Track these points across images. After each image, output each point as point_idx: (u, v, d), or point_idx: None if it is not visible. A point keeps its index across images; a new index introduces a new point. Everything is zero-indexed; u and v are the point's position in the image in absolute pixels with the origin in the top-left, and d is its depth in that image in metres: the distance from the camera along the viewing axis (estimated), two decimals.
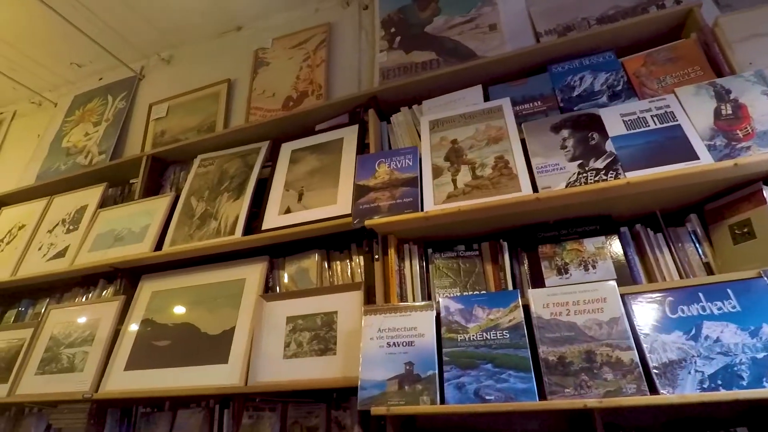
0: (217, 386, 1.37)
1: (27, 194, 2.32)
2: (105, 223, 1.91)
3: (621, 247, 1.24)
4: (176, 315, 1.60)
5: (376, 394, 1.11)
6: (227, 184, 1.77)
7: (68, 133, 2.68)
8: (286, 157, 1.72)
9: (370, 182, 1.40)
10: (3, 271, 2.00)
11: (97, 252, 1.82)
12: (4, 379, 1.75)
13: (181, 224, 1.73)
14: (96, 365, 1.58)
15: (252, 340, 1.41)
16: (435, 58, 1.91)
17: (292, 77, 2.23)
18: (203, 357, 1.46)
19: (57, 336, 1.74)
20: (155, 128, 2.46)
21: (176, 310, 1.61)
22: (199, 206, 1.75)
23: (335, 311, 1.38)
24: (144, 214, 1.83)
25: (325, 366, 1.31)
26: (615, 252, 1.23)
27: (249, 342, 1.42)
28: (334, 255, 1.56)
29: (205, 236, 1.65)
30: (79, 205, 2.06)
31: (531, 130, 1.33)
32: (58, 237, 1.99)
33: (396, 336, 1.18)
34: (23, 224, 2.15)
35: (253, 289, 1.54)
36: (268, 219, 1.56)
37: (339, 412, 1.36)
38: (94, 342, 1.65)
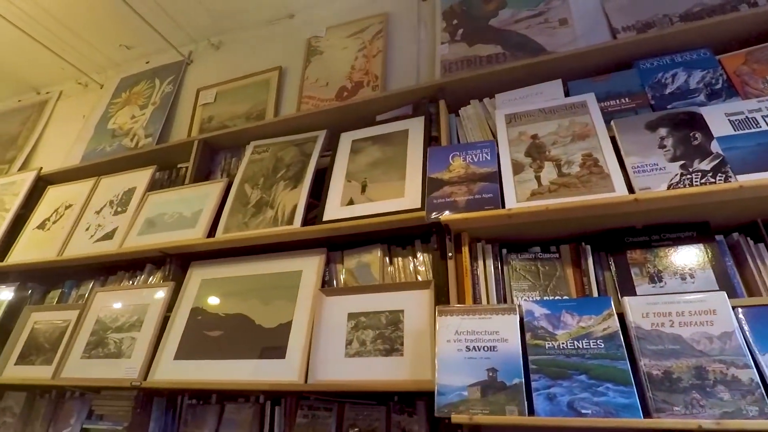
0: (275, 382, 1.31)
1: (73, 174, 2.30)
2: (154, 206, 1.87)
3: (719, 257, 1.14)
4: (228, 305, 1.55)
5: (456, 401, 1.04)
6: (283, 173, 1.71)
7: (114, 115, 2.67)
8: (347, 147, 1.66)
9: (444, 176, 1.33)
10: (49, 250, 1.98)
11: (146, 236, 1.78)
12: (47, 361, 1.71)
13: (234, 211, 1.68)
14: (144, 352, 1.53)
15: (311, 336, 1.35)
16: (501, 51, 1.83)
17: (347, 67, 2.17)
18: (258, 350, 1.40)
19: (103, 320, 1.70)
20: (202, 113, 2.42)
21: (228, 300, 1.56)
22: (254, 194, 1.70)
23: (401, 310, 1.31)
24: (196, 199, 1.79)
25: (391, 367, 1.24)
26: (713, 261, 1.14)
27: (308, 338, 1.35)
28: (396, 251, 1.49)
29: (261, 225, 1.59)
30: (127, 187, 2.03)
31: (623, 128, 1.24)
32: (105, 218, 1.96)
33: (476, 340, 1.10)
34: (70, 204, 2.13)
35: (310, 282, 1.48)
36: (329, 210, 1.50)
37: (403, 416, 1.29)
38: (143, 328, 1.60)
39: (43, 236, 2.07)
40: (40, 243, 2.05)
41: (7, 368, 1.77)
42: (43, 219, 2.14)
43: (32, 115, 3.09)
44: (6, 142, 3.04)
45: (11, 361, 1.78)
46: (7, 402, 1.83)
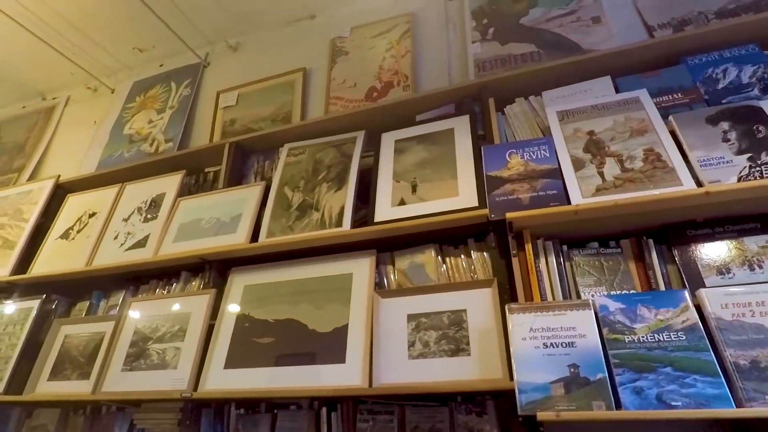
0: (337, 387, 1.29)
1: (93, 181, 2.23)
2: (188, 212, 1.83)
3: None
4: (277, 310, 1.52)
5: (539, 398, 1.03)
6: (324, 174, 1.69)
7: (130, 120, 2.61)
8: (390, 147, 1.64)
9: (503, 173, 1.32)
10: (75, 260, 1.92)
11: (182, 242, 1.74)
12: (84, 375, 1.66)
13: (276, 215, 1.65)
14: (192, 362, 1.49)
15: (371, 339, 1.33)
16: (535, 50, 1.84)
17: (375, 67, 2.16)
18: (314, 356, 1.37)
19: (142, 330, 1.65)
20: (224, 116, 2.38)
21: (276, 306, 1.53)
22: (296, 196, 1.67)
23: (463, 309, 1.30)
24: (233, 203, 1.75)
25: (458, 367, 1.22)
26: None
27: (367, 341, 1.33)
28: (448, 250, 1.48)
29: (307, 228, 1.56)
30: (155, 193, 1.98)
31: (682, 123, 1.25)
32: (135, 226, 1.90)
33: (553, 336, 1.09)
34: (94, 212, 2.06)
35: (362, 284, 1.46)
36: (380, 211, 1.48)
37: (470, 417, 1.27)
38: (186, 337, 1.56)
39: (67, 246, 2.01)
40: (64, 253, 1.99)
41: (39, 384, 1.71)
42: (66, 228, 2.07)
43: (39, 122, 3.00)
44: (12, 150, 2.95)
45: (44, 377, 1.72)
46: (39, 420, 1.76)
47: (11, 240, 2.12)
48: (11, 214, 2.24)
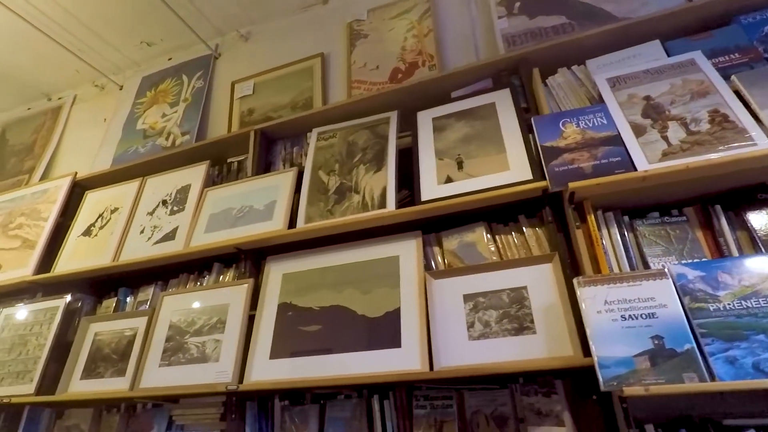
0: (396, 372, 1.23)
1: (109, 177, 2.16)
2: (217, 202, 1.76)
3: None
4: (321, 297, 1.45)
5: (623, 373, 0.97)
6: (360, 156, 1.62)
7: (142, 116, 2.53)
8: (428, 125, 1.58)
9: (558, 143, 1.26)
10: (100, 256, 1.85)
11: (214, 233, 1.67)
12: (119, 372, 1.59)
13: (313, 200, 1.59)
14: (234, 354, 1.43)
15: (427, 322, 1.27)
16: (567, 21, 1.78)
17: (397, 49, 2.09)
18: (366, 342, 1.32)
19: (178, 324, 1.59)
20: (241, 107, 2.31)
21: (320, 293, 1.47)
22: (332, 180, 1.61)
23: (524, 286, 1.24)
24: (265, 191, 1.69)
25: (524, 346, 1.17)
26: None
27: (423, 324, 1.27)
28: (497, 228, 1.42)
29: (348, 211, 1.50)
30: (179, 185, 1.91)
31: (747, 82, 1.20)
32: (161, 219, 1.84)
33: (631, 308, 1.04)
34: (116, 207, 1.99)
35: (410, 266, 1.40)
36: (426, 190, 1.42)
37: (536, 398, 1.22)
38: (226, 329, 1.50)
39: (90, 243, 1.94)
40: (88, 250, 1.92)
41: (72, 383, 1.64)
42: (88, 225, 2.00)
43: (46, 123, 2.92)
44: (20, 152, 2.87)
45: (75, 376, 1.65)
46: (71, 420, 1.70)
47: (31, 239, 2.05)
48: (28, 214, 2.16)
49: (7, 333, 1.87)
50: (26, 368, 1.73)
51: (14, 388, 1.70)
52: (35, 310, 1.87)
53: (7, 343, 1.85)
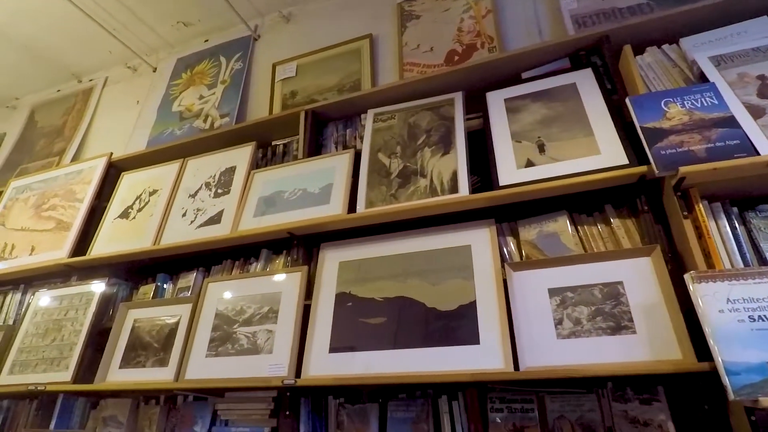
0: (476, 371, 1.12)
1: (147, 158, 2.07)
2: (266, 185, 1.66)
3: None
4: (384, 288, 1.35)
5: (757, 381, 0.85)
6: (424, 138, 1.51)
7: (178, 97, 2.45)
8: (500, 106, 1.46)
9: (662, 124, 1.14)
10: (139, 240, 1.76)
11: (264, 217, 1.57)
12: (161, 362, 1.50)
13: (374, 183, 1.48)
14: (290, 347, 1.33)
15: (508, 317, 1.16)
16: (643, 2, 1.66)
17: (452, 30, 1.98)
18: (440, 337, 1.20)
19: (225, 313, 1.49)
20: (283, 89, 2.21)
21: (382, 283, 1.36)
22: (394, 163, 1.50)
23: (619, 281, 1.12)
24: (319, 173, 1.58)
25: (623, 347, 1.05)
26: None
27: (503, 319, 1.16)
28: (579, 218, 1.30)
29: (414, 196, 1.39)
30: (224, 167, 1.81)
31: None
32: (205, 201, 1.74)
33: (760, 308, 0.92)
34: (155, 189, 1.90)
35: (484, 256, 1.28)
36: (504, 174, 1.30)
37: (631, 404, 1.10)
38: (279, 319, 1.40)
39: (128, 226, 1.85)
40: (126, 233, 1.82)
41: (111, 373, 1.55)
42: (125, 207, 1.91)
43: (76, 105, 2.85)
44: (50, 134, 2.80)
45: (114, 365, 1.56)
46: (107, 411, 1.60)
47: (66, 221, 1.96)
48: (63, 195, 2.08)
49: (40, 317, 1.79)
50: (61, 355, 1.64)
51: (49, 375, 1.62)
52: (70, 295, 1.78)
53: (41, 327, 1.76)
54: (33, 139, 2.85)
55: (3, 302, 2.02)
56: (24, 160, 2.74)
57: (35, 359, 1.69)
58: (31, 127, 2.94)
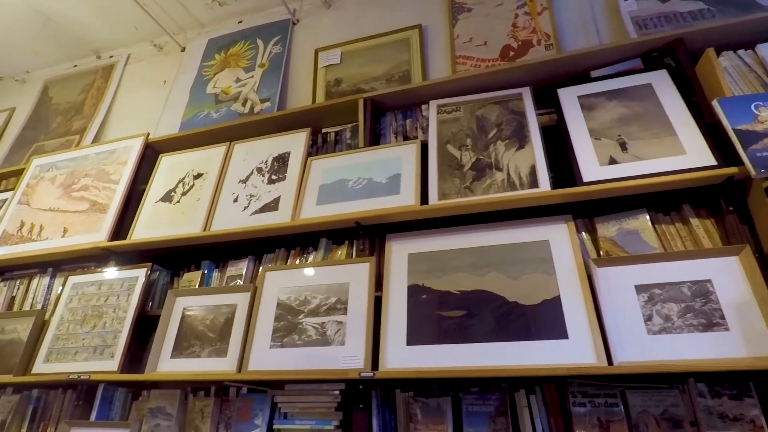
0: (568, 366, 1.11)
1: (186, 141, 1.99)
2: (327, 172, 1.62)
3: None
4: (460, 281, 1.33)
5: None
6: (496, 132, 1.50)
7: (212, 79, 2.37)
8: (573, 103, 1.46)
9: (755, 127, 1.16)
10: (186, 224, 1.69)
11: (327, 206, 1.53)
12: (218, 353, 1.45)
13: (446, 175, 1.46)
14: (364, 338, 1.30)
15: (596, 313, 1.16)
16: (704, 7, 1.69)
17: (507, 25, 1.97)
18: (526, 331, 1.20)
19: (287, 302, 1.45)
20: (327, 76, 2.16)
21: (457, 275, 1.34)
22: (465, 155, 1.48)
23: (707, 279, 1.14)
24: (385, 163, 1.55)
25: (716, 344, 1.06)
26: None
27: (591, 314, 1.16)
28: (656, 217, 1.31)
29: (491, 189, 1.38)
30: (276, 153, 1.76)
31: None
32: (258, 188, 1.69)
33: None
34: (200, 173, 1.83)
35: (564, 251, 1.28)
36: (586, 170, 1.30)
37: (720, 400, 1.11)
38: (349, 310, 1.36)
39: (171, 210, 1.77)
40: (168, 217, 1.75)
41: (161, 362, 1.49)
42: (167, 190, 1.84)
43: (96, 81, 2.73)
44: (67, 111, 2.68)
45: (165, 354, 1.50)
46: (153, 402, 1.54)
47: (101, 203, 1.88)
48: (94, 175, 1.99)
49: (77, 303, 1.71)
50: (105, 343, 1.57)
51: (92, 364, 1.54)
52: (110, 280, 1.71)
53: (77, 314, 1.68)
54: (48, 115, 2.72)
55: (29, 286, 1.92)
56: (39, 138, 2.61)
57: (74, 347, 1.61)
58: (44, 103, 2.80)
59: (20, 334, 1.72)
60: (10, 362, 1.67)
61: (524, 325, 1.21)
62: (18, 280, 1.95)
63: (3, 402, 1.72)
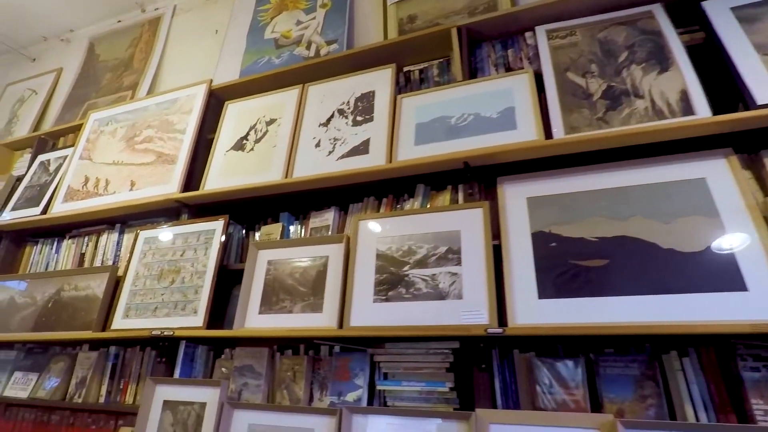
0: (755, 323, 0.93)
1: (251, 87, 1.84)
2: (422, 110, 1.43)
3: None
4: (596, 226, 1.15)
5: None
6: (627, 55, 1.28)
7: (269, 24, 2.18)
8: (726, 16, 1.22)
9: None
10: (264, 173, 1.55)
11: (427, 145, 1.35)
12: (312, 307, 1.32)
13: (571, 106, 1.25)
14: (486, 291, 1.14)
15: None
16: None
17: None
18: (688, 282, 1.01)
19: (387, 253, 1.30)
20: (398, 13, 1.95)
21: (592, 220, 1.15)
22: (593, 83, 1.27)
23: None
24: (493, 96, 1.35)
25: None
26: None
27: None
28: None
29: (632, 119, 1.17)
30: (358, 93, 1.58)
31: None
32: (342, 130, 1.52)
33: None
34: (272, 118, 1.68)
35: (727, 190, 1.08)
36: (760, 91, 1.08)
37: None
38: (464, 261, 1.20)
39: (245, 158, 1.63)
40: (242, 166, 1.62)
41: (249, 318, 1.38)
42: (238, 138, 1.69)
43: (143, 35, 2.58)
44: (116, 67, 2.55)
45: (252, 309, 1.39)
46: (240, 360, 1.44)
47: (168, 153, 1.75)
48: (157, 126, 1.86)
49: (150, 258, 1.61)
50: (186, 298, 1.47)
51: (174, 320, 1.45)
52: (185, 234, 1.59)
53: (153, 269, 1.58)
54: (96, 73, 2.60)
55: (97, 243, 1.84)
56: (90, 95, 2.50)
57: (153, 303, 1.51)
58: (91, 61, 2.68)
59: (95, 291, 1.64)
60: (86, 318, 1.60)
61: (685, 275, 1.02)
62: (86, 237, 1.87)
63: (81, 359, 1.66)
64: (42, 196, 1.94)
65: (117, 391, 1.58)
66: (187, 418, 1.34)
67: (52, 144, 2.29)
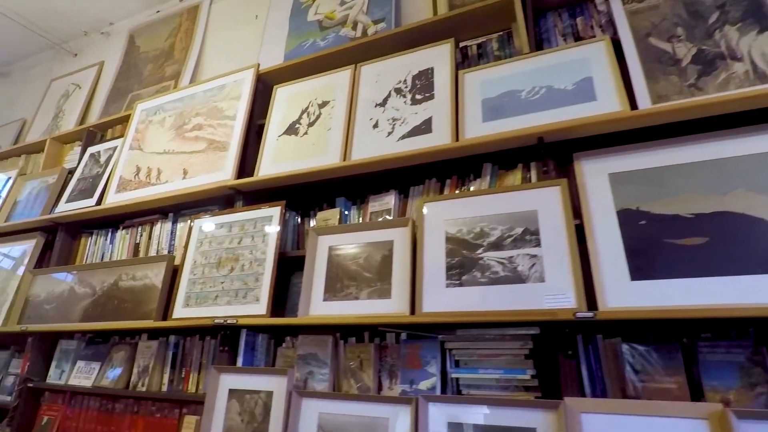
0: None
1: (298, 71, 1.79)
2: (487, 84, 1.36)
3: None
4: (690, 201, 1.06)
5: None
6: (719, 15, 1.17)
7: (311, 6, 2.12)
8: None
9: None
10: (319, 156, 1.51)
11: (497, 121, 1.28)
12: (379, 293, 1.28)
13: (656, 74, 1.16)
14: (571, 273, 1.07)
15: None
16: None
17: None
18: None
19: (457, 236, 1.24)
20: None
21: (685, 196, 1.07)
22: (680, 48, 1.17)
23: None
24: (567, 66, 1.27)
25: None
26: None
27: None
28: None
29: (731, 84, 1.07)
30: (415, 70, 1.51)
31: None
32: (401, 110, 1.46)
33: None
34: (325, 101, 1.63)
35: None
36: None
37: None
38: (543, 242, 1.13)
39: (300, 142, 1.59)
40: (297, 151, 1.58)
41: (314, 305, 1.35)
42: (291, 122, 1.66)
43: (182, 24, 2.57)
44: (157, 58, 2.55)
45: (316, 297, 1.35)
46: (303, 348, 1.41)
47: (219, 140, 1.73)
48: (206, 113, 1.84)
49: (207, 246, 1.59)
50: (246, 286, 1.45)
51: (236, 308, 1.43)
52: (241, 221, 1.57)
53: (211, 257, 1.57)
54: (138, 64, 2.61)
55: (151, 232, 1.84)
56: (134, 87, 2.51)
57: (213, 291, 1.50)
58: (132, 53, 2.69)
59: (152, 280, 1.65)
60: (146, 308, 1.61)
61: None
62: (139, 227, 1.88)
63: (141, 348, 1.67)
64: (95, 188, 1.95)
65: (179, 380, 1.58)
66: (255, 406, 1.33)
67: (100, 136, 2.31)
